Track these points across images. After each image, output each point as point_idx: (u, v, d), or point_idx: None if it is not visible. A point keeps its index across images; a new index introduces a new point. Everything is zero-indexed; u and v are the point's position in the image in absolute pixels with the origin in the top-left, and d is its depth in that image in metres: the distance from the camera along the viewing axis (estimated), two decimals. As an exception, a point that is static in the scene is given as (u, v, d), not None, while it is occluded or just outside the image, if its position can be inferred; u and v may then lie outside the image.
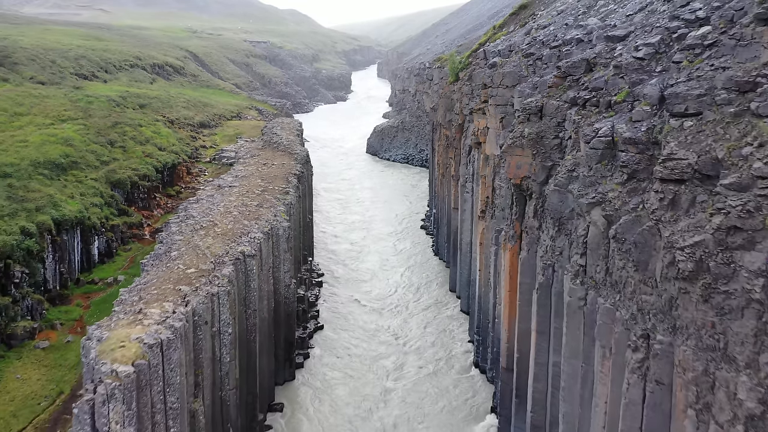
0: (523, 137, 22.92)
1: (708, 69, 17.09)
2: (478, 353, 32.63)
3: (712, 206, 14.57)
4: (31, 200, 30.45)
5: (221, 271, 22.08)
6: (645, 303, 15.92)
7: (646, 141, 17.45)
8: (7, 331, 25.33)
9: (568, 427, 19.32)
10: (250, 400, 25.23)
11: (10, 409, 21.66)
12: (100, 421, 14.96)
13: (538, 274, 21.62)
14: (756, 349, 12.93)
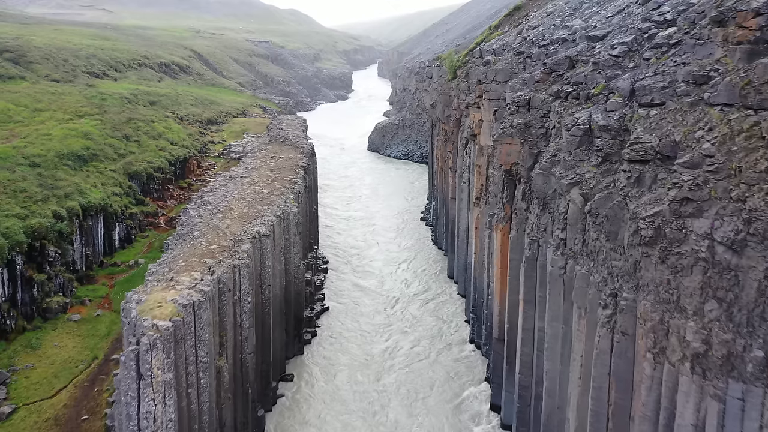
0: (512, 127, 25.37)
1: (672, 65, 19.56)
2: (473, 331, 35.08)
3: (670, 182, 17.02)
4: (60, 188, 32.89)
5: (240, 248, 24.54)
6: (614, 267, 18.37)
7: (618, 128, 19.88)
8: (42, 305, 27.80)
9: (551, 383, 21.77)
10: (265, 368, 27.66)
11: (51, 371, 24.11)
12: (144, 367, 17.37)
13: (525, 249, 24.07)
14: (702, 299, 15.36)
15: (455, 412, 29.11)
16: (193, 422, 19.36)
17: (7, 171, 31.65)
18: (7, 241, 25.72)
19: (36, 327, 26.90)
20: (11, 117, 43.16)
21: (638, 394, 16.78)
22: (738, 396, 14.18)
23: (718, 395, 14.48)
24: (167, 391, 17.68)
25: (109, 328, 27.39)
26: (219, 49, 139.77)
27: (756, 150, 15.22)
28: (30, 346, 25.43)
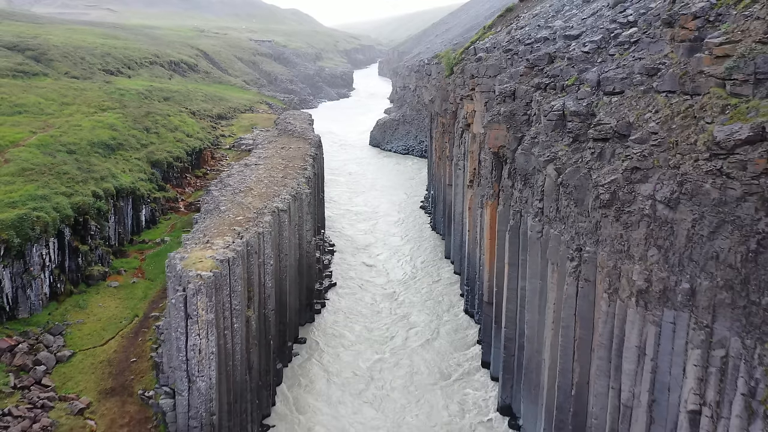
0: (499, 115, 29.07)
1: (631, 59, 23.30)
2: (467, 302, 38.79)
3: (624, 155, 20.72)
4: (96, 171, 36.55)
5: (263, 219, 28.21)
6: (580, 227, 22.07)
7: (585, 113, 23.58)
8: (86, 272, 31.48)
9: (531, 331, 25.47)
10: (282, 329, 31.36)
11: (99, 325, 27.80)
12: (190, 308, 21.02)
13: (509, 219, 27.77)
14: (645, 247, 19.05)
15: (450, 369, 32.80)
16: (228, 359, 23.05)
17: (50, 156, 35.30)
18: (58, 215, 29.39)
19: (81, 291, 30.56)
20: (43, 110, 46.80)
21: (597, 328, 20.50)
22: (670, 321, 17.87)
23: (656, 321, 18.17)
24: (209, 329, 21.36)
25: (145, 293, 31.09)
26: (224, 48, 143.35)
27: (689, 127, 18.91)
28: (78, 306, 29.11)
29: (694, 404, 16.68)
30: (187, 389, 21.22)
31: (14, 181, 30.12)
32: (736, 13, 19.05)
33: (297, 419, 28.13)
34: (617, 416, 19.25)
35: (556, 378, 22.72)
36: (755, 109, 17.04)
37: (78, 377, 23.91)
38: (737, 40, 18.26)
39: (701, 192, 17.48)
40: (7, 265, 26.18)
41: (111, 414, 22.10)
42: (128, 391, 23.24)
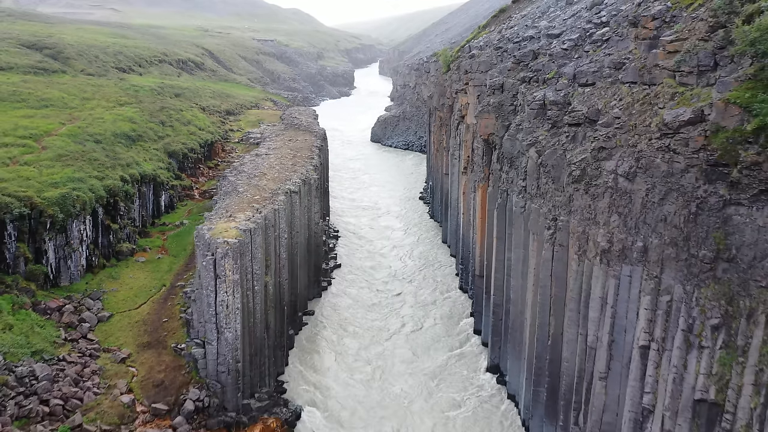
0: (489, 106, 32.42)
1: (602, 55, 26.62)
2: (462, 279, 42.15)
3: (592, 137, 24.06)
4: (122, 159, 39.88)
5: (278, 198, 31.55)
6: (556, 201, 25.41)
7: (563, 102, 26.91)
8: (116, 248, 34.84)
9: (515, 295, 28.82)
10: (293, 299, 34.70)
11: (131, 293, 31.15)
12: (219, 269, 24.35)
13: (497, 198, 31.11)
14: (608, 214, 22.38)
15: (446, 337, 36.15)
16: (249, 316, 26.39)
17: (80, 145, 38.63)
18: (93, 195, 32.73)
19: (112, 265, 33.93)
20: (66, 104, 50.17)
21: (568, 285, 23.84)
22: (627, 274, 21.20)
23: (615, 275, 21.51)
24: (235, 288, 24.68)
25: (170, 267, 34.44)
26: (228, 48, 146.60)
27: (645, 112, 22.25)
28: (111, 277, 32.47)
29: (644, 341, 20.01)
30: (216, 339, 24.57)
31: (53, 165, 33.47)
32: (686, 15, 22.39)
33: (308, 377, 31.48)
34: (584, 357, 22.62)
35: (535, 332, 26.08)
36: (697, 95, 20.39)
37: (117, 333, 27.27)
38: (685, 38, 21.60)
39: (653, 166, 20.81)
40: (51, 238, 29.53)
41: (149, 363, 25.45)
42: (162, 344, 26.59)
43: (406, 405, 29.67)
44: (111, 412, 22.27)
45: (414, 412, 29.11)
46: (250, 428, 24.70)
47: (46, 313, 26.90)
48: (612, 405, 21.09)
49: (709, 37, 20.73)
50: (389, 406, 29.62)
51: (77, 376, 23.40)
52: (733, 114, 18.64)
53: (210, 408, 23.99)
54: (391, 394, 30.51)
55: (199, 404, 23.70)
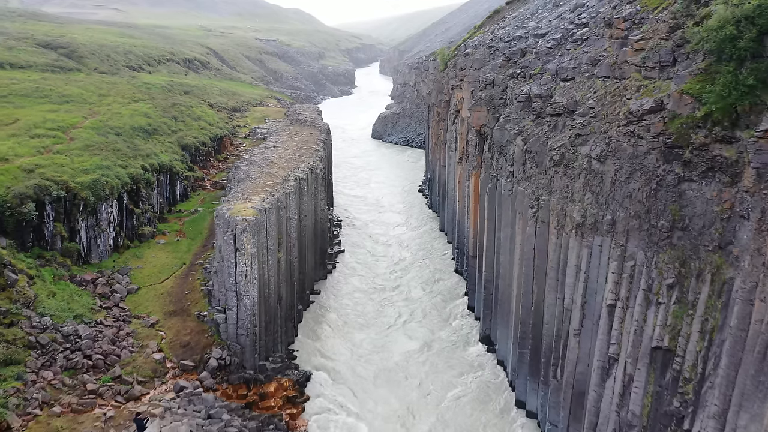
0: (481, 99, 35.45)
1: (581, 53, 29.64)
2: (457, 262, 45.19)
3: (570, 125, 27.07)
4: (141, 150, 42.91)
5: (288, 184, 34.59)
6: (539, 183, 28.43)
7: (546, 95, 29.93)
8: (138, 231, 37.87)
9: (504, 270, 31.85)
10: (301, 279, 37.72)
11: (155, 269, 34.18)
12: (239, 243, 27.36)
13: (488, 183, 34.13)
14: (583, 193, 25.41)
15: (442, 313, 39.19)
16: (265, 286, 29.42)
17: (103, 137, 41.65)
18: (119, 181, 35.76)
19: (135, 246, 36.95)
20: (85, 100, 53.17)
21: (549, 256, 26.87)
22: (598, 244, 24.23)
23: (588, 245, 24.53)
24: (253, 260, 27.70)
25: (188, 247, 37.46)
26: (232, 47, 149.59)
27: (615, 102, 25.26)
28: (136, 256, 35.50)
29: (611, 300, 23.03)
30: (236, 305, 27.60)
31: (82, 154, 36.48)
32: (652, 17, 25.41)
33: (315, 347, 34.51)
34: (561, 318, 25.64)
35: (521, 301, 29.11)
36: (658, 87, 23.42)
37: (146, 303, 30.31)
38: (649, 38, 24.62)
39: (621, 149, 23.83)
40: (83, 219, 32.58)
41: (176, 327, 28.48)
42: (186, 312, 29.62)
43: (405, 371, 32.70)
44: (145, 366, 25.31)
45: (411, 375, 32.15)
46: (266, 385, 27.72)
47: (82, 285, 29.95)
48: (584, 357, 24.12)
49: (669, 37, 23.73)
50: (389, 371, 32.66)
51: (114, 336, 26.43)
52: (686, 103, 21.62)
53: (231, 366, 27.03)
54: (390, 361, 33.56)
55: (221, 362, 26.72)
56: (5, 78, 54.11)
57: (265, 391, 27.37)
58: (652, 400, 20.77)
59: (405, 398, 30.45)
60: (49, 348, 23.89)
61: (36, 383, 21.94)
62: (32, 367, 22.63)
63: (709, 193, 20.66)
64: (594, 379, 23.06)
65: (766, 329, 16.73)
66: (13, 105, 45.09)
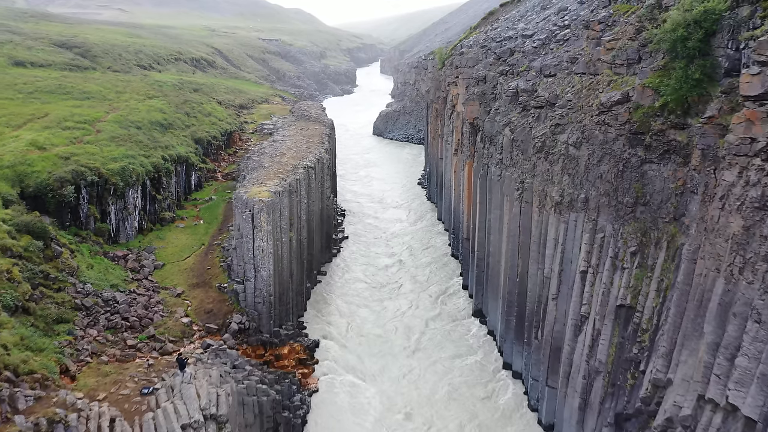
0: (474, 94, 38.83)
1: (563, 52, 33.00)
2: (453, 248, 48.57)
3: (551, 116, 30.44)
4: (160, 142, 46.30)
5: (297, 171, 37.98)
6: (524, 168, 31.81)
7: (531, 90, 33.30)
8: (160, 215, 41.26)
9: (494, 248, 35.23)
10: (310, 259, 41.12)
11: (177, 249, 37.56)
12: (256, 221, 30.72)
13: (480, 171, 37.51)
14: (561, 175, 28.78)
15: (438, 292, 42.57)
16: (279, 261, 32.81)
17: (125, 129, 45.05)
18: (143, 169, 39.16)
19: (158, 229, 40.33)
20: (104, 96, 56.58)
21: (531, 232, 30.26)
22: (573, 220, 27.60)
23: (565, 221, 27.91)
24: (268, 237, 31.08)
25: (206, 230, 40.85)
26: (236, 47, 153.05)
27: (590, 95, 28.63)
28: (158, 238, 38.89)
29: (583, 267, 26.41)
30: (254, 276, 30.98)
31: (110, 145, 39.86)
32: (622, 20, 28.77)
33: (322, 319, 37.90)
34: (541, 285, 29.02)
35: (508, 274, 32.49)
36: (625, 82, 26.79)
37: (171, 277, 33.71)
38: (619, 38, 27.98)
39: (593, 136, 27.19)
40: (113, 202, 35.97)
41: (199, 297, 31.88)
42: (208, 284, 33.01)
43: (404, 341, 36.08)
44: (175, 328, 28.68)
45: (409, 346, 35.53)
46: (280, 348, 31.10)
47: (114, 260, 33.34)
48: (560, 318, 27.50)
49: (636, 38, 27.10)
50: (389, 342, 36.04)
51: (146, 303, 29.82)
52: (647, 95, 24.98)
53: (249, 330, 30.41)
54: (391, 332, 36.95)
55: (241, 326, 30.09)
56: (29, 76, 57.55)
57: (280, 352, 30.78)
58: (616, 349, 24.15)
59: (403, 364, 33.82)
60: (93, 310, 27.28)
61: (84, 338, 25.32)
62: (79, 325, 26.01)
63: (666, 173, 24.01)
64: (568, 335, 26.45)
65: (703, 281, 20.07)
66: (40, 101, 48.49)
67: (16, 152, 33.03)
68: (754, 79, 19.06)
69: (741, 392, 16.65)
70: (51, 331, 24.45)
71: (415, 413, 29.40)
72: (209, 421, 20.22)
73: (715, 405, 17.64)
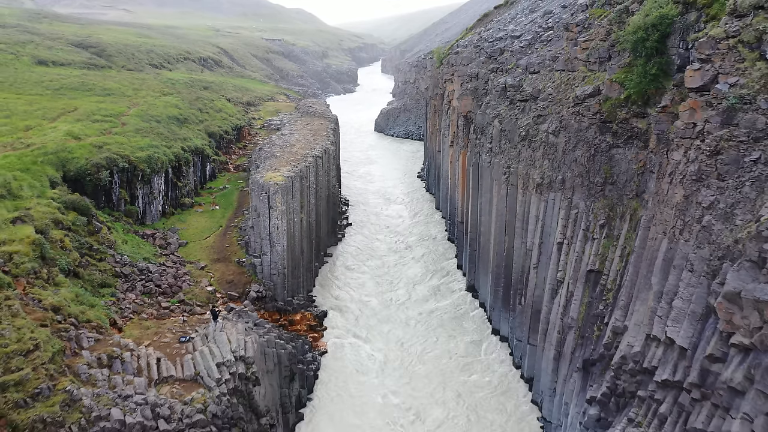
0: (467, 90, 42.66)
1: (546, 51, 36.80)
2: (449, 233, 52.41)
3: (534, 108, 34.27)
4: (178, 135, 50.17)
5: (307, 159, 41.83)
6: (510, 155, 35.64)
7: (517, 85, 37.12)
8: (181, 201, 45.12)
9: (484, 228, 39.06)
10: (317, 241, 44.96)
11: (198, 230, 41.41)
12: (272, 201, 34.54)
13: (472, 159, 41.34)
14: (542, 160, 32.59)
15: (435, 271, 46.40)
16: (291, 238, 36.65)
17: (147, 123, 48.91)
18: (167, 158, 43.02)
19: (179, 213, 44.21)
20: (124, 93, 60.45)
21: (516, 211, 34.08)
22: (552, 199, 31.42)
23: (545, 200, 31.73)
24: (282, 216, 34.92)
25: (223, 214, 44.72)
26: (240, 47, 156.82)
27: (567, 89, 32.44)
28: (180, 220, 42.74)
29: (560, 239, 30.22)
30: (269, 251, 34.82)
31: (136, 136, 43.73)
32: (595, 23, 32.58)
33: (330, 294, 41.74)
34: (524, 257, 32.85)
35: (496, 249, 36.31)
36: (597, 77, 30.60)
37: (195, 253, 37.56)
38: (593, 39, 31.79)
39: (569, 125, 31.00)
40: (141, 187, 39.83)
41: (221, 270, 35.72)
42: (228, 259, 36.86)
43: (403, 314, 39.91)
44: (201, 295, 32.53)
45: (408, 317, 39.37)
46: (293, 315, 34.94)
47: (144, 238, 37.20)
48: (540, 284, 31.33)
49: (606, 38, 30.90)
50: (390, 311, 39.89)
51: (175, 274, 33.66)
52: (615, 89, 28.78)
53: (266, 298, 34.25)
54: (392, 304, 40.79)
55: (258, 294, 33.94)
56: (53, 74, 61.45)
57: (293, 318, 34.63)
58: (585, 307, 27.96)
59: (402, 332, 37.65)
60: (130, 277, 31.14)
61: (125, 300, 29.18)
62: (120, 290, 29.87)
63: (629, 156, 27.82)
64: (546, 298, 30.27)
65: (653, 244, 23.86)
66: (67, 97, 52.38)
67: (56, 141, 36.90)
68: (696, 74, 22.85)
69: (676, 327, 20.43)
70: (97, 293, 28.31)
71: (411, 370, 33.24)
72: (239, 362, 24.06)
73: (658, 341, 21.43)
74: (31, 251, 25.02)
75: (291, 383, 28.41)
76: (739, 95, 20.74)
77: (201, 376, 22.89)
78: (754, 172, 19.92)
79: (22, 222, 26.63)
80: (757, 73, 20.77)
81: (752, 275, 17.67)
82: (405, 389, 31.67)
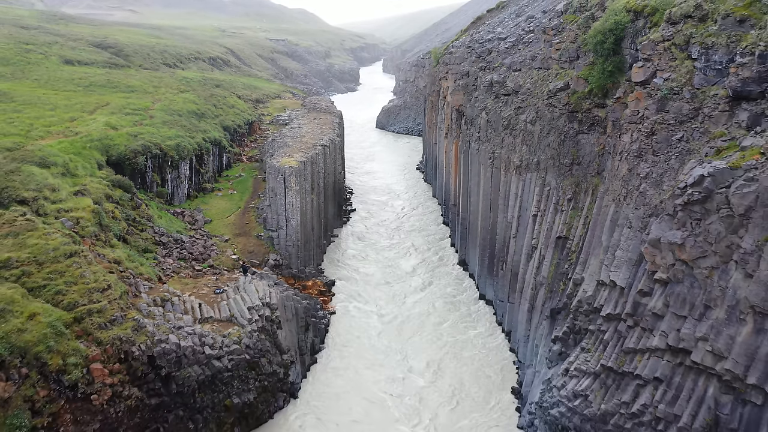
0: (459, 86, 47.88)
1: (526, 52, 42.01)
2: (444, 217, 57.64)
3: (515, 101, 39.46)
4: (198, 127, 55.43)
5: (316, 148, 47.06)
6: (495, 142, 40.85)
7: (502, 82, 42.32)
8: (203, 186, 50.40)
9: (473, 207, 44.25)
10: (325, 222, 50.18)
11: (220, 210, 46.65)
12: (287, 182, 39.75)
13: (463, 148, 46.54)
14: (522, 146, 37.79)
15: (431, 248, 51.63)
16: (304, 215, 41.87)
17: (171, 116, 54.18)
18: (191, 147, 48.29)
19: (201, 196, 49.48)
20: (145, 90, 65.73)
21: (499, 190, 39.30)
22: (529, 178, 36.62)
23: (523, 180, 36.93)
24: (296, 195, 40.13)
25: (240, 197, 49.99)
26: (246, 47, 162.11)
27: (543, 85, 37.63)
28: (203, 202, 48.01)
29: (534, 212, 35.42)
30: (285, 226, 40.05)
31: (163, 127, 48.99)
32: (567, 27, 37.77)
33: (337, 266, 47.00)
34: (506, 229, 38.07)
35: (482, 225, 41.52)
36: (567, 74, 35.80)
37: (219, 228, 42.82)
38: (564, 41, 37.00)
39: (544, 115, 36.20)
40: (170, 172, 45.09)
41: (242, 243, 40.98)
42: (248, 234, 42.10)
43: (401, 284, 45.13)
44: (227, 262, 37.77)
45: (406, 287, 44.61)
46: (305, 281, 40.19)
47: (174, 215, 42.46)
48: (518, 251, 36.54)
49: (575, 41, 36.10)
50: (390, 282, 45.13)
51: (204, 244, 38.91)
52: (581, 84, 33.96)
53: (282, 266, 39.48)
54: (393, 275, 46.03)
55: (276, 262, 39.16)
56: (80, 72, 66.74)
57: (306, 284, 39.87)
58: (554, 267, 33.16)
59: (400, 299, 42.88)
60: (168, 246, 36.39)
61: (164, 263, 34.44)
62: (160, 255, 35.13)
63: (592, 140, 33.01)
64: (522, 262, 35.47)
65: (605, 210, 29.02)
66: (97, 93, 57.67)
67: (98, 130, 42.16)
68: (640, 70, 28.01)
69: (617, 272, 25.62)
70: (142, 257, 33.57)
71: (407, 326, 38.49)
72: (265, 307, 29.30)
73: (605, 284, 26.62)
74: (92, 218, 30.28)
75: (306, 332, 33.62)
76: (670, 87, 25.96)
77: (235, 317, 28.12)
78: (679, 147, 25.15)
79: (82, 195, 31.89)
80: (684, 69, 25.98)
81: (669, 225, 22.88)
82: (404, 343, 36.90)
